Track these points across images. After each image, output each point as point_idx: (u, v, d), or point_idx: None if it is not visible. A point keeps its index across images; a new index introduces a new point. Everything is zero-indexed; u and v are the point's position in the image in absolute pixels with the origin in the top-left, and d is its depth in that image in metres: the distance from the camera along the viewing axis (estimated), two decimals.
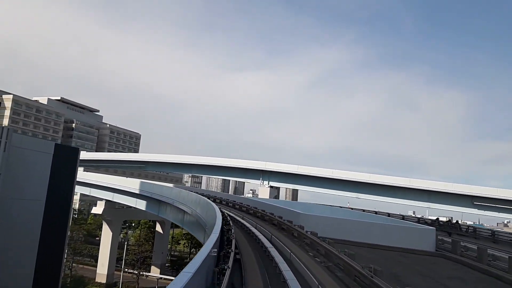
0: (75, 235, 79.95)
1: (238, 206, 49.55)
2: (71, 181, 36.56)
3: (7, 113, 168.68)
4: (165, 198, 49.80)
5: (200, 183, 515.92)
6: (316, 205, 65.82)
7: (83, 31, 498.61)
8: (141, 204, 63.52)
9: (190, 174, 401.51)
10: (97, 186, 73.88)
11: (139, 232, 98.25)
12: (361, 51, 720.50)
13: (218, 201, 56.43)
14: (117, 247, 77.64)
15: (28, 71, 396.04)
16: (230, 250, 16.85)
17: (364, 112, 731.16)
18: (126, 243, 78.71)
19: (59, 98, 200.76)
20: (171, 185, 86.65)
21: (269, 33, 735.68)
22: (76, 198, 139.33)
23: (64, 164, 35.84)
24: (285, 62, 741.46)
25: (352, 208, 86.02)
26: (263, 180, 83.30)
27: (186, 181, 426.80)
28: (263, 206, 44.47)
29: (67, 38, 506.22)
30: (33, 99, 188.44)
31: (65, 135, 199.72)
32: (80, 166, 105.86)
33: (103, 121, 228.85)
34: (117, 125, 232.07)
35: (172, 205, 46.68)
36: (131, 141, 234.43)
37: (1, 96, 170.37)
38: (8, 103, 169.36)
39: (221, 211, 28.03)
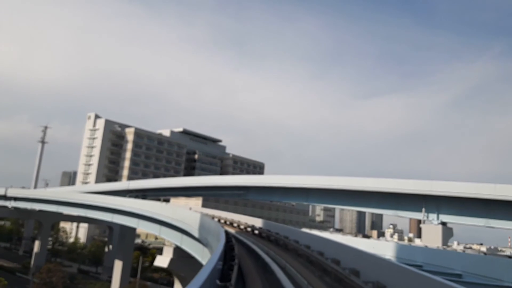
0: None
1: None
2: None
3: (130, 146, 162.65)
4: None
5: (333, 216, 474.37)
6: None
7: (219, 74, 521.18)
8: (207, 256, 34.81)
9: (322, 206, 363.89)
10: (167, 224, 48.47)
11: None
12: None
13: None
14: None
15: (175, 112, 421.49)
16: None
17: None
18: None
19: (181, 129, 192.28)
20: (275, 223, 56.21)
21: (402, 54, 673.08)
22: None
23: None
24: (422, 83, 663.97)
25: None
26: (427, 212, 47.23)
27: (318, 215, 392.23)
28: None
29: (206, 80, 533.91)
30: (157, 132, 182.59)
31: (188, 166, 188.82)
32: (162, 195, 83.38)
33: (226, 151, 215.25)
34: (240, 155, 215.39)
35: None
36: (254, 170, 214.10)
37: (124, 129, 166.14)
38: (130, 136, 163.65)
39: None
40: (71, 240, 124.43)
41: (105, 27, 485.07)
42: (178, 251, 48.32)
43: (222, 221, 51.86)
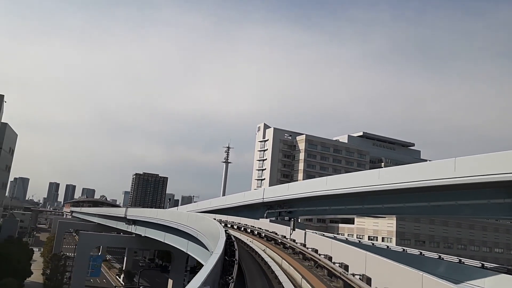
0: None
1: None
2: None
3: (302, 156, 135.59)
4: None
5: None
6: None
7: (402, 84, 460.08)
8: None
9: None
10: (192, 237, 33.77)
11: None
12: None
13: None
14: None
15: (356, 128, 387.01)
16: None
17: None
18: None
19: (361, 133, 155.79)
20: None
21: None
22: None
23: None
24: None
25: None
26: None
27: None
28: None
29: (389, 93, 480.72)
30: (333, 139, 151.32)
31: None
32: (317, 213, 47.38)
33: (421, 157, 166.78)
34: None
35: None
36: None
37: (295, 138, 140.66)
38: (301, 145, 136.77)
39: None
40: None
41: (286, 58, 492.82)
42: None
43: None
